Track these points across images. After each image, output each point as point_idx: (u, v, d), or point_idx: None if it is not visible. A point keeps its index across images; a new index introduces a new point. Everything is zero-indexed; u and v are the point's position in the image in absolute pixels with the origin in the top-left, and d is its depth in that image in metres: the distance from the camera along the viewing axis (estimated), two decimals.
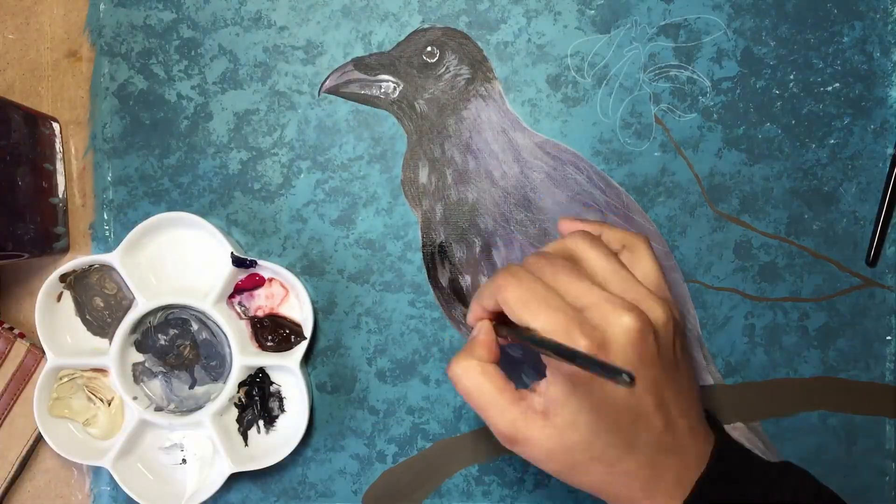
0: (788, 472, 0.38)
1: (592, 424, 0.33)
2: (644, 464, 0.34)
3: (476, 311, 0.38)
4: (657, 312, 0.34)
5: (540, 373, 0.36)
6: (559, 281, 0.34)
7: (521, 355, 0.47)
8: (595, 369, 0.28)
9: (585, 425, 0.33)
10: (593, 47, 0.48)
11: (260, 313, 0.48)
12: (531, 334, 0.33)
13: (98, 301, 0.48)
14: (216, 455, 0.47)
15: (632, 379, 0.26)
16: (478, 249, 0.48)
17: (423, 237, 0.48)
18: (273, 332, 0.48)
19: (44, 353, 0.47)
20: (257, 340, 0.48)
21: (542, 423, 0.34)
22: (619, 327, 0.32)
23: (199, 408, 0.47)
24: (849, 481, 0.48)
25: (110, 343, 0.47)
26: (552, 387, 0.34)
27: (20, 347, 0.48)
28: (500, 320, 0.37)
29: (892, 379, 0.48)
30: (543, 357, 0.34)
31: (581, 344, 0.32)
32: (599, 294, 0.33)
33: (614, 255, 0.36)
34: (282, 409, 0.48)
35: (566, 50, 0.48)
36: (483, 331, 0.37)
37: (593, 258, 0.36)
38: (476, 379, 0.35)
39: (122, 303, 0.48)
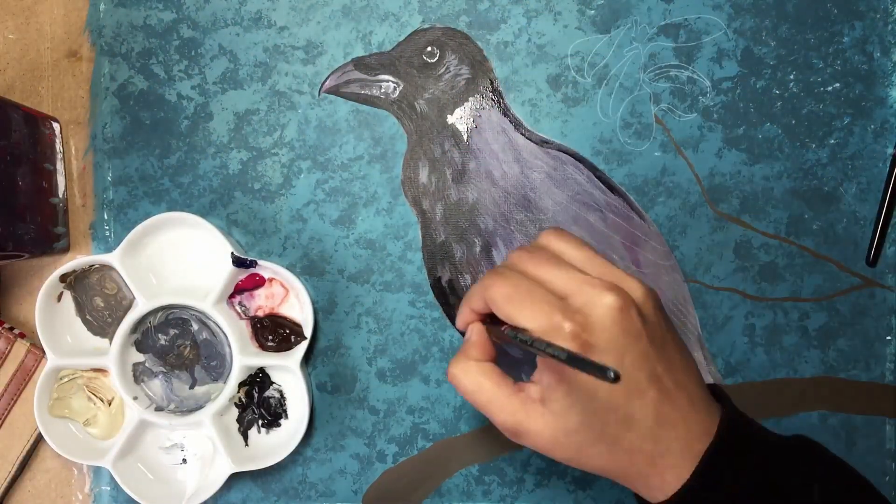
0: (803, 445, 0.37)
1: (587, 404, 0.34)
2: (646, 437, 0.34)
3: (465, 315, 0.39)
4: (637, 289, 0.35)
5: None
6: (541, 272, 0.35)
7: (522, 354, 0.47)
8: (580, 366, 0.29)
9: (581, 406, 0.34)
10: (593, 47, 0.48)
11: (260, 313, 0.48)
12: (518, 333, 0.34)
13: (98, 301, 0.48)
14: (216, 455, 0.47)
15: (616, 376, 0.27)
16: (478, 249, 0.48)
17: (423, 237, 0.48)
18: (273, 332, 0.48)
19: (44, 353, 0.47)
20: (257, 340, 0.48)
21: (541, 411, 0.35)
22: (602, 307, 0.33)
23: (200, 408, 0.47)
24: None
25: (110, 343, 0.47)
26: (544, 374, 0.35)
27: (20, 347, 0.48)
28: (491, 321, 0.38)
29: (892, 379, 0.48)
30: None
31: (565, 328, 0.33)
32: (581, 278, 0.34)
33: (587, 244, 0.37)
34: (282, 409, 0.48)
35: (566, 50, 0.48)
36: (475, 332, 0.38)
37: (568, 249, 0.37)
38: (474, 378, 0.36)
39: (122, 303, 0.48)
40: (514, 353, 0.47)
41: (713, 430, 0.35)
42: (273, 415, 0.48)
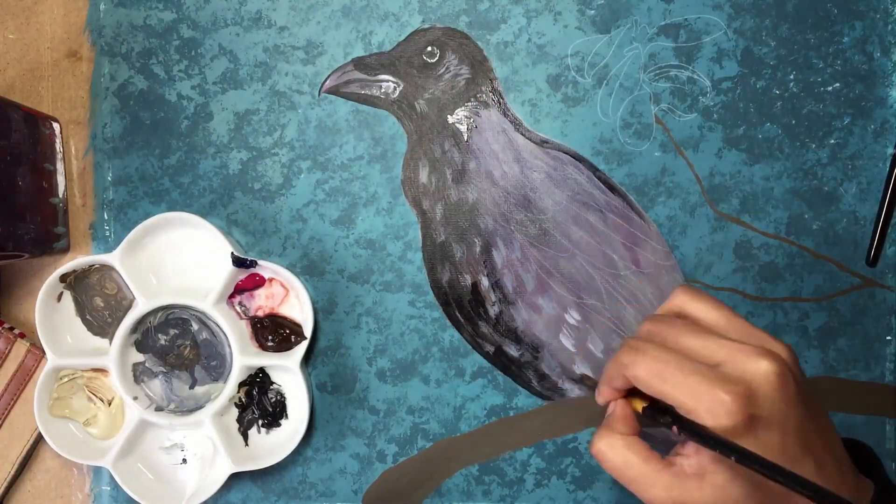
0: None
1: (751, 476, 0.32)
2: None
3: (606, 393, 0.37)
4: (783, 350, 0.33)
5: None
6: (683, 342, 0.33)
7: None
8: (778, 478, 0.28)
9: (743, 479, 0.32)
10: (593, 47, 0.48)
11: (260, 313, 0.48)
12: (697, 429, 0.32)
13: (98, 301, 0.48)
14: (216, 455, 0.47)
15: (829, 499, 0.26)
16: (478, 249, 0.48)
17: (423, 237, 0.48)
18: (273, 332, 0.48)
19: (44, 353, 0.47)
20: (257, 340, 0.48)
21: (698, 485, 0.33)
22: (760, 375, 0.31)
23: (200, 408, 0.47)
24: None
25: (110, 343, 0.47)
26: (700, 448, 0.33)
27: (20, 347, 0.48)
28: (633, 394, 0.36)
29: (892, 379, 0.48)
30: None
31: (727, 401, 0.31)
32: (729, 345, 0.32)
33: (722, 303, 0.35)
34: (282, 409, 0.48)
35: (566, 50, 0.48)
36: (619, 405, 0.36)
37: (704, 311, 0.35)
38: (621, 453, 0.35)
39: (122, 303, 0.48)
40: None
41: (865, 498, 0.34)
42: (273, 415, 0.48)
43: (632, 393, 0.36)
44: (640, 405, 0.35)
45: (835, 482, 0.33)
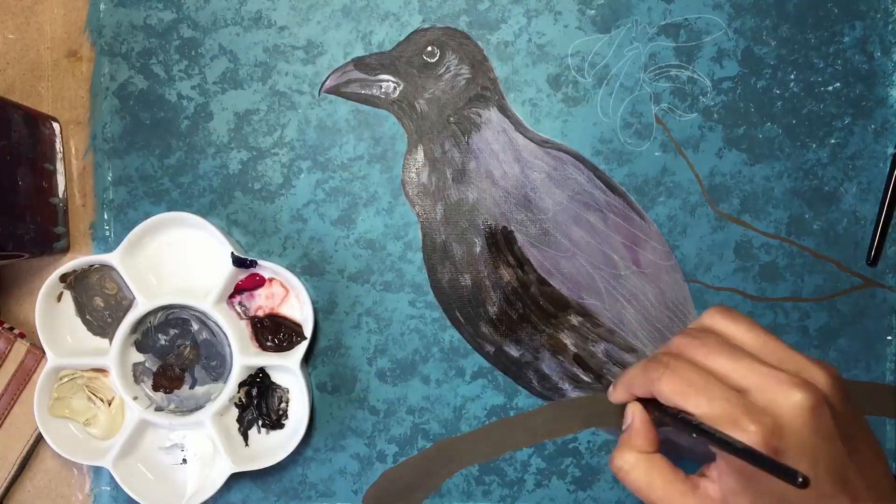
0: None
1: (776, 500, 0.31)
2: None
3: (621, 394, 0.36)
4: (822, 378, 0.31)
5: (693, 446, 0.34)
6: (714, 362, 0.32)
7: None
8: (766, 467, 0.27)
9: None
10: (594, 47, 0.48)
11: (260, 313, 0.48)
12: (691, 420, 0.31)
13: (98, 301, 0.48)
14: (216, 455, 0.47)
15: (805, 482, 0.25)
16: (478, 249, 0.48)
17: (423, 237, 0.48)
18: (273, 332, 0.48)
19: (44, 353, 0.47)
20: (257, 340, 0.48)
21: None
22: (792, 407, 0.30)
23: (200, 408, 0.47)
24: None
25: (110, 343, 0.47)
26: (726, 476, 0.32)
27: (20, 347, 0.48)
28: (650, 401, 0.35)
29: (892, 379, 0.48)
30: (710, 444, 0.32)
31: (751, 430, 0.29)
32: (760, 371, 0.31)
33: (757, 323, 0.34)
34: (282, 410, 0.48)
35: (566, 50, 0.48)
36: (638, 417, 0.35)
37: (739, 331, 0.33)
38: (643, 473, 0.33)
39: (122, 303, 0.48)
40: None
41: None
42: (273, 415, 0.48)
43: (652, 403, 0.34)
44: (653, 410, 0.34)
45: None
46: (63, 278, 0.47)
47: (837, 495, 0.30)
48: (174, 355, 0.48)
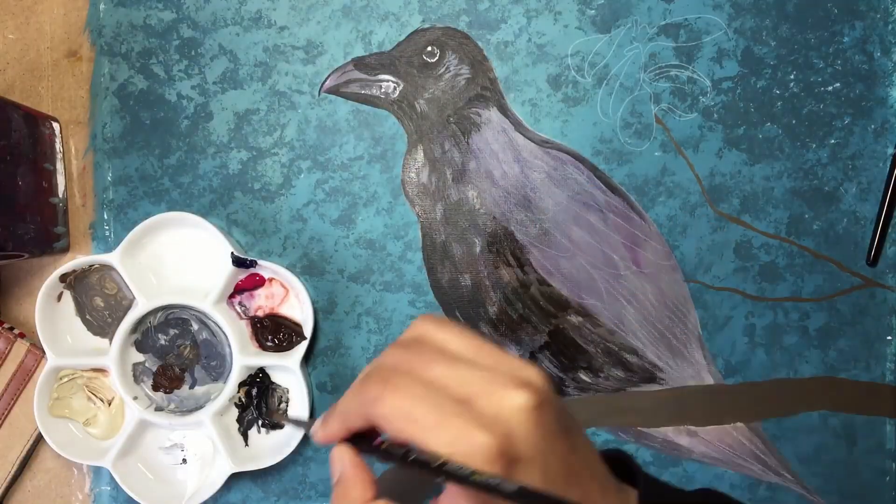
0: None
1: None
2: None
3: (335, 427, 0.31)
4: (536, 376, 0.30)
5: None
6: (434, 372, 0.29)
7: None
8: (534, 500, 0.26)
9: None
10: (593, 47, 0.48)
11: (260, 313, 0.48)
12: (430, 461, 0.28)
13: (98, 301, 0.48)
14: (216, 455, 0.47)
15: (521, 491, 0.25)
16: (478, 249, 0.48)
17: (423, 237, 0.48)
18: (273, 331, 0.48)
19: (44, 353, 0.47)
20: (257, 340, 0.48)
21: None
22: (518, 411, 0.28)
23: (200, 408, 0.47)
24: (849, 481, 0.48)
25: (110, 343, 0.47)
26: (460, 499, 0.29)
27: (20, 347, 0.48)
28: (356, 436, 0.31)
29: (892, 379, 0.48)
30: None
31: (486, 443, 0.27)
32: (481, 376, 0.29)
33: (468, 329, 0.32)
34: (282, 410, 0.48)
35: (566, 50, 0.48)
36: (348, 462, 0.31)
37: (452, 338, 0.31)
38: None
39: (122, 303, 0.48)
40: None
41: None
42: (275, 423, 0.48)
43: (359, 439, 0.31)
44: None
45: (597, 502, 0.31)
46: (63, 278, 0.47)
47: (568, 490, 0.30)
48: (174, 355, 0.48)
